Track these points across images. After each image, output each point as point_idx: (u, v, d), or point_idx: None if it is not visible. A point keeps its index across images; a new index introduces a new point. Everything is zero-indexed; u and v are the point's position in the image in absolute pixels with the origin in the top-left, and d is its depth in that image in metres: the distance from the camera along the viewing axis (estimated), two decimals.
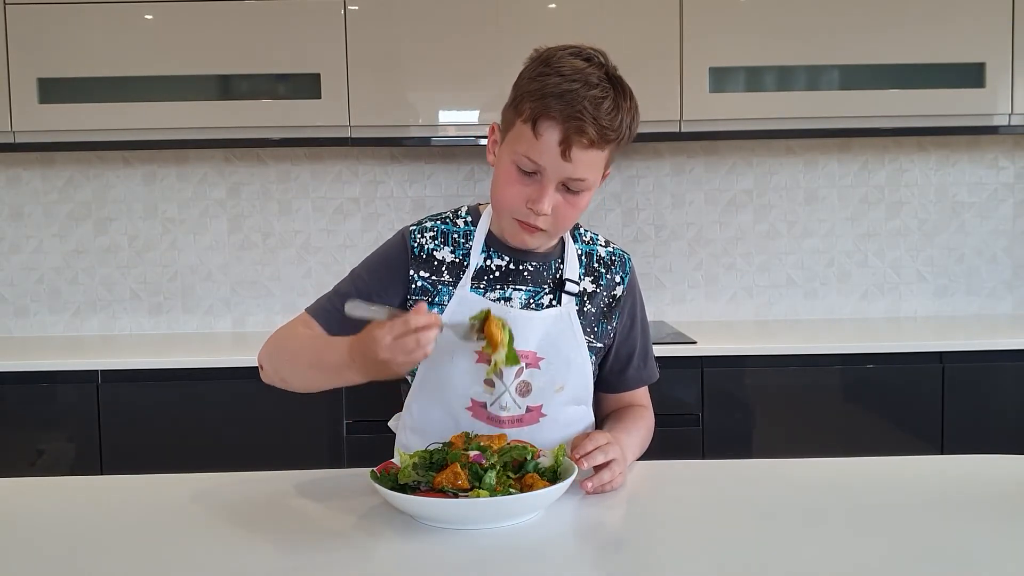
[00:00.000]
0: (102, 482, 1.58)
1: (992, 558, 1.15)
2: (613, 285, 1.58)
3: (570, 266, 1.54)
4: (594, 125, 1.36)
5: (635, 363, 1.62)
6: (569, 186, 1.41)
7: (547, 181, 1.40)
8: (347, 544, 1.21)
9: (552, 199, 1.41)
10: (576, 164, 1.38)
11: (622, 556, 1.18)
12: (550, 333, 1.50)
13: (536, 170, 1.40)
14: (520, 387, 1.49)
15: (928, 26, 2.86)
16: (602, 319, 1.56)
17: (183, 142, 2.91)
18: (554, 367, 1.50)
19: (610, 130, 1.38)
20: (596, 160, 1.41)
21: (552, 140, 1.37)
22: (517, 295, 1.51)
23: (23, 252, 3.23)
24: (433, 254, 1.52)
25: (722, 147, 3.26)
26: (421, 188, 3.26)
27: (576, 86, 1.36)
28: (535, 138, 1.38)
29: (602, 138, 1.38)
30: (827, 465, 1.55)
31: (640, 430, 1.58)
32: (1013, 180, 3.30)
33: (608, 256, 1.59)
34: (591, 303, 1.55)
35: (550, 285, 1.53)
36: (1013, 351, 2.74)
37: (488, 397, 1.48)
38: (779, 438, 2.74)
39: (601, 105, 1.36)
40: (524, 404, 1.49)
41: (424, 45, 2.84)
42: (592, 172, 1.41)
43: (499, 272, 1.52)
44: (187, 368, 2.70)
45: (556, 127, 1.37)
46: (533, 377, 1.49)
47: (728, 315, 3.31)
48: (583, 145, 1.37)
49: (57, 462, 2.69)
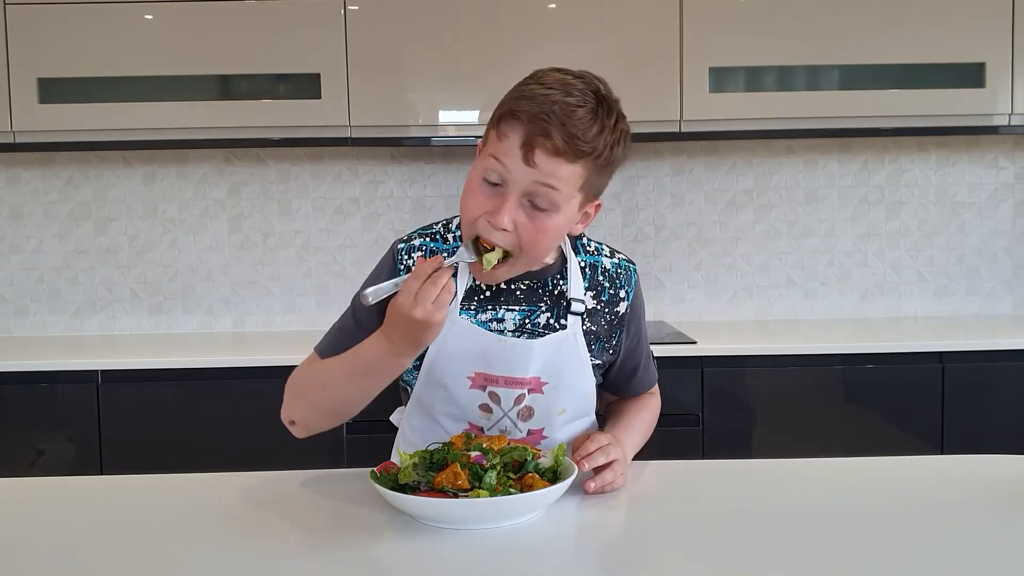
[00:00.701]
0: (102, 482, 1.58)
1: (992, 558, 1.15)
2: (616, 301, 1.49)
3: (574, 285, 1.44)
4: (561, 130, 1.25)
5: (640, 374, 1.61)
6: (535, 202, 1.30)
7: (509, 191, 1.29)
8: (347, 544, 1.21)
9: (512, 213, 1.29)
10: (540, 171, 1.27)
11: (622, 556, 1.18)
12: (554, 358, 1.43)
13: (500, 180, 1.30)
14: (523, 413, 1.45)
15: (928, 26, 2.86)
16: (603, 337, 1.49)
17: (183, 142, 2.91)
18: (558, 391, 1.45)
19: (582, 140, 1.26)
20: (567, 175, 1.28)
21: (515, 141, 1.28)
22: (510, 316, 1.43)
23: (23, 252, 3.23)
24: None
25: (722, 147, 3.26)
26: (421, 188, 3.26)
27: (552, 92, 1.28)
28: (499, 139, 1.30)
29: (570, 147, 1.26)
30: (827, 465, 1.55)
31: (644, 422, 1.58)
32: (1013, 180, 3.30)
33: (614, 268, 1.50)
34: (591, 321, 1.47)
35: (547, 303, 1.45)
36: (1013, 351, 2.74)
37: (486, 422, 1.45)
38: (779, 438, 2.74)
39: (574, 113, 1.27)
40: (526, 428, 1.47)
41: (424, 45, 2.84)
42: (563, 187, 1.29)
43: (489, 292, 1.44)
44: (187, 368, 2.70)
45: (520, 127, 1.27)
46: (535, 402, 1.45)
47: (728, 315, 3.31)
48: (547, 150, 1.26)
49: (57, 462, 2.69)
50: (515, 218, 1.30)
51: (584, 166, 1.30)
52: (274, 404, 1.55)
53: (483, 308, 1.43)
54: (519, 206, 1.30)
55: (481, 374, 1.42)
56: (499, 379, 1.42)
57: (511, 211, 1.30)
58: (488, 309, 1.43)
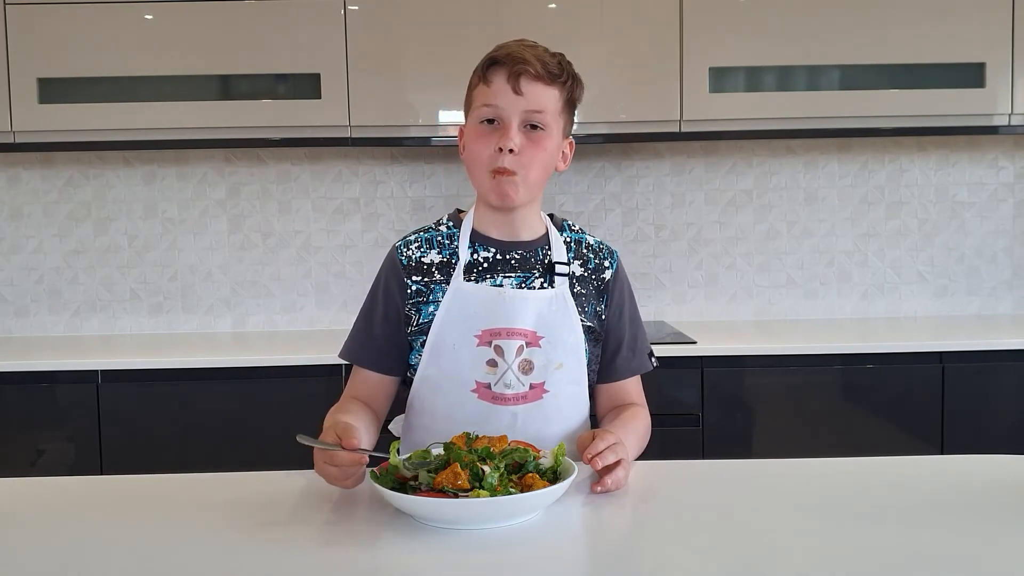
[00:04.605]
0: (102, 482, 1.58)
1: (992, 558, 1.15)
2: (602, 269, 1.64)
3: (557, 251, 1.61)
4: (536, 61, 1.50)
5: (624, 352, 1.66)
6: (531, 124, 1.52)
7: (508, 120, 1.51)
8: (347, 544, 1.21)
9: (517, 136, 1.51)
10: (529, 97, 1.50)
11: (622, 556, 1.19)
12: (546, 313, 1.56)
13: (496, 116, 1.52)
14: (522, 365, 1.54)
15: (928, 26, 2.86)
16: (592, 300, 1.62)
17: (183, 142, 2.90)
18: (552, 345, 1.55)
19: (553, 67, 1.51)
20: (549, 97, 1.52)
21: (501, 80, 1.51)
22: (508, 281, 1.58)
23: (23, 252, 3.23)
24: (421, 260, 1.60)
25: (722, 147, 3.26)
26: (421, 188, 3.26)
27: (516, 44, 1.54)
28: (487, 87, 1.53)
29: (547, 71, 1.51)
30: (827, 465, 1.55)
31: (639, 430, 1.60)
32: (1013, 180, 3.30)
33: (596, 245, 1.67)
34: (580, 285, 1.61)
35: (540, 270, 1.60)
36: (1013, 351, 2.75)
37: (492, 377, 1.53)
38: (779, 438, 2.74)
39: (540, 52, 1.53)
40: (527, 381, 1.54)
41: (424, 45, 2.84)
42: (548, 109, 1.52)
43: (487, 264, 1.59)
44: (187, 368, 2.70)
45: (502, 69, 1.52)
46: (534, 355, 1.55)
47: (728, 315, 3.31)
48: (531, 76, 1.50)
49: (57, 462, 2.69)
50: (519, 141, 1.51)
51: (559, 91, 1.54)
52: (274, 404, 1.56)
53: (483, 277, 1.58)
54: (519, 132, 1.52)
55: (487, 331, 1.54)
56: (502, 331, 1.54)
57: (515, 135, 1.51)
58: (487, 277, 1.58)
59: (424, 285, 1.57)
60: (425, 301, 1.57)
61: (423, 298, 1.57)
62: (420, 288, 1.58)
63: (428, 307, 1.56)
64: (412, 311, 1.58)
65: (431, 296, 1.57)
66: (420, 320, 1.57)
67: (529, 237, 1.61)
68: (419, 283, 1.58)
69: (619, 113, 2.87)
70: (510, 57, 1.51)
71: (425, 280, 1.58)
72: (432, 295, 1.57)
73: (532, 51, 1.53)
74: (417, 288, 1.58)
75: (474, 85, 1.58)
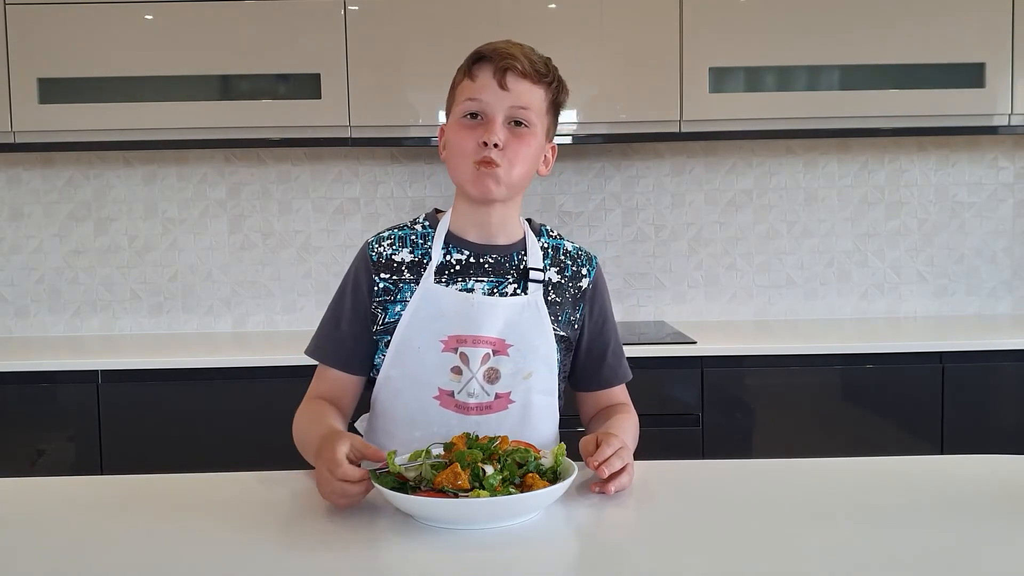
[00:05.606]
0: (102, 482, 1.58)
1: (992, 558, 1.15)
2: (579, 277, 1.60)
3: (533, 256, 1.57)
4: (523, 58, 1.48)
5: (609, 360, 1.64)
6: (515, 120, 1.49)
7: (493, 115, 1.48)
8: (347, 544, 1.21)
9: (502, 131, 1.48)
10: (515, 93, 1.48)
11: (622, 556, 1.19)
12: (516, 320, 1.52)
13: (480, 110, 1.49)
14: (487, 374, 1.50)
15: (928, 26, 2.86)
16: (568, 308, 1.58)
17: (183, 142, 2.90)
18: (522, 354, 1.52)
19: (539, 66, 1.50)
20: (535, 96, 1.50)
21: (487, 76, 1.49)
22: (480, 285, 1.54)
23: (23, 252, 3.23)
24: (392, 258, 1.56)
25: (722, 147, 3.26)
26: (421, 188, 3.26)
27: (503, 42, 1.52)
28: (472, 81, 1.50)
29: (533, 70, 1.49)
30: (827, 465, 1.55)
31: (630, 429, 1.59)
32: (1013, 180, 3.30)
33: (575, 251, 1.63)
34: (556, 293, 1.57)
35: (513, 275, 1.56)
36: (1013, 351, 2.75)
37: (456, 385, 1.50)
38: (779, 438, 2.74)
39: (531, 54, 1.51)
40: (492, 391, 1.50)
41: (424, 45, 2.84)
42: (533, 108, 1.49)
43: (460, 266, 1.55)
44: (187, 368, 2.70)
45: (489, 64, 1.49)
46: (501, 364, 1.51)
47: (728, 315, 3.31)
48: (517, 72, 1.48)
49: (57, 462, 2.69)
50: (503, 136, 1.48)
51: (545, 91, 1.52)
52: (274, 404, 1.56)
53: (454, 280, 1.54)
54: (503, 128, 1.49)
55: (454, 336, 1.50)
56: (468, 339, 1.50)
57: (499, 129, 1.48)
58: (459, 280, 1.54)
59: (392, 283, 1.54)
60: (392, 300, 1.53)
61: (390, 297, 1.54)
62: (388, 286, 1.54)
63: (395, 306, 1.53)
64: (379, 309, 1.54)
65: (399, 295, 1.53)
66: (386, 319, 1.54)
67: (505, 241, 1.57)
68: (387, 281, 1.54)
69: (619, 113, 2.87)
70: (497, 53, 1.49)
71: (394, 278, 1.54)
72: (400, 294, 1.53)
73: (519, 49, 1.51)
74: (385, 286, 1.54)
75: (458, 82, 1.54)
